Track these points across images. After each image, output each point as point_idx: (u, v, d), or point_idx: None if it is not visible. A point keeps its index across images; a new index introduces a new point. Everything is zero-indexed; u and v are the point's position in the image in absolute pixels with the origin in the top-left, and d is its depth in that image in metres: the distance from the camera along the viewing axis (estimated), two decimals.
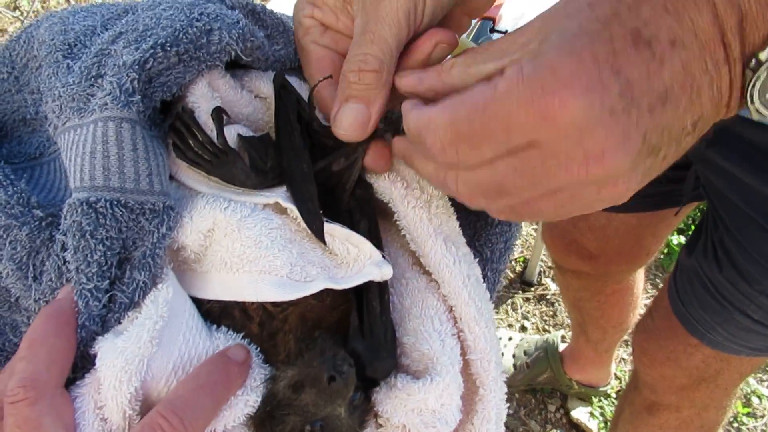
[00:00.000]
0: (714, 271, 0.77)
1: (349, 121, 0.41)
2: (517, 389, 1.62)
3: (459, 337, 0.42)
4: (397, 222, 0.45)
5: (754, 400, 1.68)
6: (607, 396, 1.62)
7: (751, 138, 0.68)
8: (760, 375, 1.74)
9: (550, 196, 0.34)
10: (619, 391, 1.65)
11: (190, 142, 0.43)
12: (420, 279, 0.45)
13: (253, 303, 0.41)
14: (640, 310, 1.31)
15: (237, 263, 0.41)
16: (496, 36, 0.88)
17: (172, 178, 0.45)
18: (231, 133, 0.45)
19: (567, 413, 1.61)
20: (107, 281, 0.38)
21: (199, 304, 0.42)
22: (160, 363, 0.36)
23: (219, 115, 0.42)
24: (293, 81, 0.50)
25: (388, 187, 0.46)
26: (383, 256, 0.43)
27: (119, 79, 0.40)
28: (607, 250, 1.05)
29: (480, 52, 0.35)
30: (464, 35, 0.90)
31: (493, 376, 0.41)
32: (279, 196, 0.43)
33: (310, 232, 0.42)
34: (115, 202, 0.38)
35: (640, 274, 1.23)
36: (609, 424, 1.58)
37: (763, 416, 1.64)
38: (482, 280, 0.46)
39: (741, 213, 0.71)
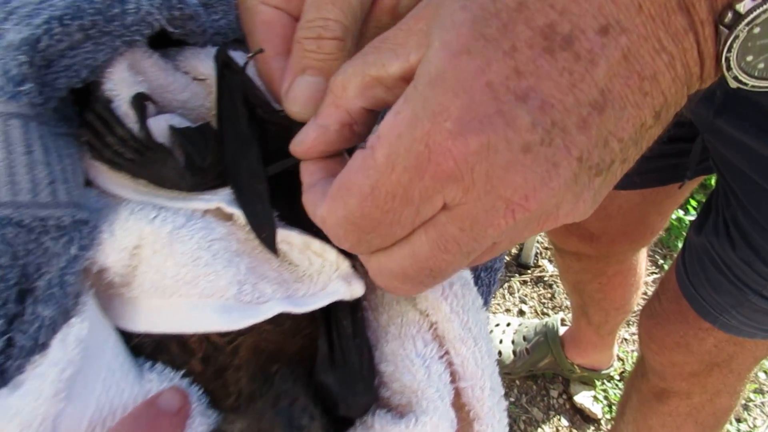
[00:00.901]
0: (727, 250, 0.71)
1: (306, 95, 0.33)
2: (518, 376, 1.57)
3: (447, 359, 0.35)
4: None
5: (761, 375, 1.63)
6: (611, 378, 1.57)
7: (765, 103, 0.61)
8: None
9: (488, 251, 0.29)
10: (622, 372, 1.59)
11: (108, 138, 0.34)
12: None
13: (193, 334, 0.33)
14: (643, 290, 1.25)
15: (170, 286, 0.33)
16: None
17: (90, 184, 0.37)
18: (161, 125, 0.37)
19: (570, 398, 1.55)
20: (3, 320, 0.30)
21: (129, 337, 0.34)
22: (70, 421, 0.29)
23: (140, 102, 0.34)
24: (239, 57, 0.42)
25: None
26: (353, 266, 0.36)
27: (3, 65, 0.31)
28: (609, 230, 0.98)
29: (375, 52, 0.28)
30: None
31: (489, 405, 0.34)
32: (221, 199, 0.35)
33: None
34: (6, 221, 0.30)
35: (642, 254, 1.16)
36: (613, 407, 1.53)
37: None
38: (473, 283, 0.38)
39: (756, 187, 0.64)
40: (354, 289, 0.34)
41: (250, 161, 0.36)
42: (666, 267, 1.80)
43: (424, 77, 0.24)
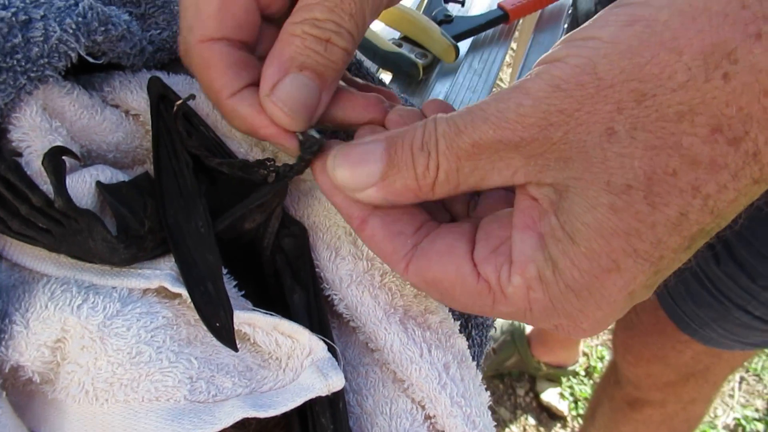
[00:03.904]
0: (710, 263, 0.68)
1: (300, 97, 0.28)
2: (485, 375, 1.54)
3: None
4: (330, 298, 0.32)
5: None
6: (576, 374, 1.57)
7: None
8: None
9: None
10: (587, 368, 1.60)
11: (15, 205, 0.27)
12: (384, 366, 0.32)
13: None
14: None
15: (104, 390, 0.26)
16: (451, 6, 0.74)
17: None
18: (85, 183, 0.30)
19: (537, 396, 1.54)
20: None
21: None
22: None
23: (55, 160, 0.27)
24: (181, 82, 0.35)
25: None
26: (331, 345, 0.30)
27: None
28: None
29: (473, 158, 0.25)
30: (414, 5, 0.75)
31: None
32: (165, 276, 0.28)
33: None
34: None
35: None
36: (579, 403, 1.53)
37: None
38: (470, 356, 0.33)
39: None
40: (332, 383, 0.28)
41: (195, 224, 0.30)
42: None
43: (568, 279, 0.23)
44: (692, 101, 0.20)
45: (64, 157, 0.28)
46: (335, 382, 0.28)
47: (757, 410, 1.58)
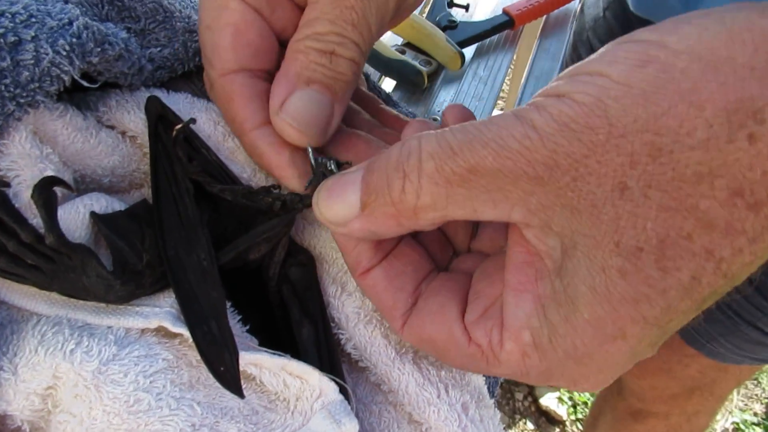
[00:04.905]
0: None
1: (309, 112, 0.27)
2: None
3: None
4: (339, 336, 0.30)
5: None
6: None
7: None
8: None
9: None
10: None
11: (2, 241, 0.25)
12: (398, 407, 0.31)
13: None
14: None
15: None
16: (455, 11, 0.72)
17: None
18: (79, 214, 0.28)
19: (535, 401, 1.53)
20: None
21: None
22: None
23: (46, 192, 0.25)
24: (182, 101, 0.33)
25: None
26: (343, 387, 0.28)
27: None
28: None
29: (466, 186, 0.21)
30: (417, 11, 0.73)
31: None
32: (164, 314, 0.26)
33: None
34: None
35: None
36: (578, 408, 1.52)
37: None
38: (487, 394, 0.31)
39: None
40: (345, 431, 0.26)
41: (198, 257, 0.28)
42: None
43: (568, 347, 0.22)
44: (712, 162, 0.18)
45: (55, 188, 0.26)
46: (348, 429, 0.26)
47: (755, 414, 1.57)
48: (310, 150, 0.27)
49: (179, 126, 0.28)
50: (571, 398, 1.54)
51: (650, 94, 0.19)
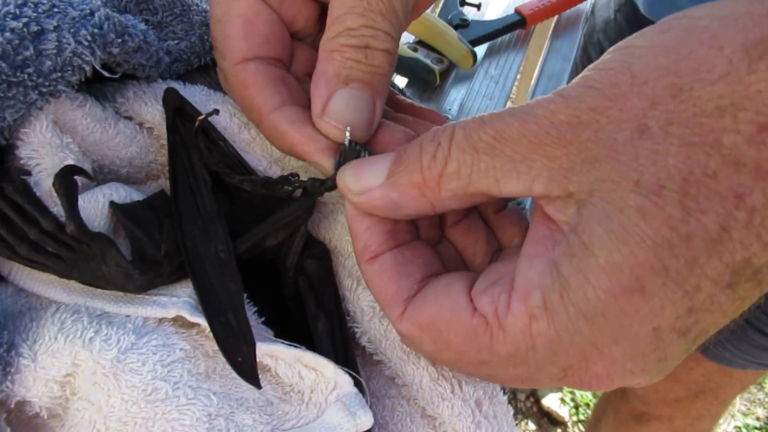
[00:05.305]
0: None
1: (350, 110, 0.27)
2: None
3: None
4: (353, 330, 0.30)
5: None
6: None
7: None
8: None
9: None
10: None
11: (23, 229, 0.25)
12: (412, 401, 0.31)
13: None
14: None
15: (117, 429, 0.25)
16: (467, 10, 0.72)
17: (2, 279, 0.27)
18: (98, 203, 0.28)
19: (537, 401, 1.54)
20: None
21: None
22: None
23: (67, 181, 0.25)
24: (198, 93, 0.33)
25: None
26: (357, 380, 0.28)
27: None
28: None
29: (490, 155, 0.22)
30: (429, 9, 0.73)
31: None
32: (182, 303, 0.27)
33: None
34: None
35: None
36: (580, 409, 1.52)
37: None
38: (500, 390, 0.31)
39: None
40: (360, 423, 0.26)
41: (215, 248, 0.28)
42: None
43: (579, 300, 0.20)
44: (734, 95, 0.18)
45: (75, 177, 0.26)
46: (364, 421, 0.26)
47: (758, 419, 1.57)
48: (348, 133, 0.27)
49: (201, 116, 0.28)
50: (573, 399, 1.54)
51: (672, 47, 0.19)
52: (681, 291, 0.19)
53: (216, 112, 0.29)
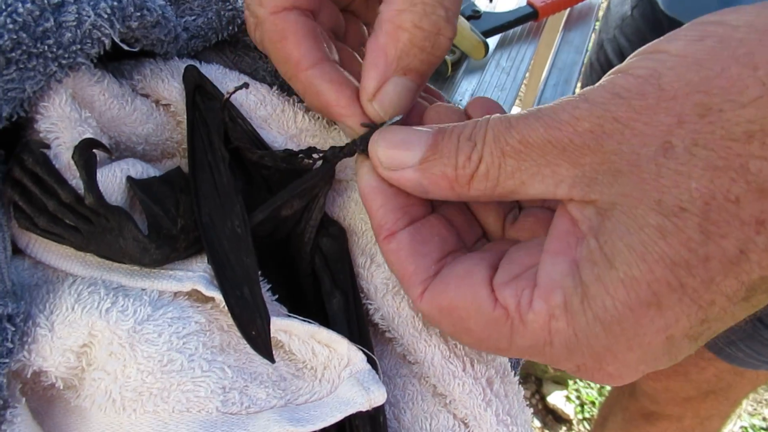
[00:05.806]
0: None
1: (399, 101, 0.27)
2: None
3: None
4: (367, 307, 0.30)
5: None
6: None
7: None
8: None
9: None
10: None
11: (43, 201, 0.26)
12: (423, 379, 0.31)
13: None
14: None
15: (133, 399, 0.25)
16: (479, 1, 0.72)
17: (19, 252, 0.28)
18: (116, 178, 0.28)
19: (543, 398, 1.53)
20: None
21: None
22: None
23: (86, 153, 0.25)
24: (215, 72, 0.33)
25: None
26: (371, 358, 0.28)
27: None
28: None
29: (516, 158, 0.22)
30: None
31: None
32: (197, 278, 0.27)
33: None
34: None
35: None
36: (585, 407, 1.52)
37: None
38: (510, 369, 0.31)
39: None
40: (373, 398, 0.26)
41: (232, 224, 0.28)
42: None
43: (598, 308, 0.21)
44: (764, 120, 0.18)
45: (94, 151, 0.26)
46: (377, 396, 0.26)
47: (764, 419, 1.56)
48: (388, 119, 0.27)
49: (232, 90, 0.28)
50: (578, 397, 1.53)
51: (704, 61, 0.19)
52: (696, 306, 0.20)
53: (246, 85, 0.29)
